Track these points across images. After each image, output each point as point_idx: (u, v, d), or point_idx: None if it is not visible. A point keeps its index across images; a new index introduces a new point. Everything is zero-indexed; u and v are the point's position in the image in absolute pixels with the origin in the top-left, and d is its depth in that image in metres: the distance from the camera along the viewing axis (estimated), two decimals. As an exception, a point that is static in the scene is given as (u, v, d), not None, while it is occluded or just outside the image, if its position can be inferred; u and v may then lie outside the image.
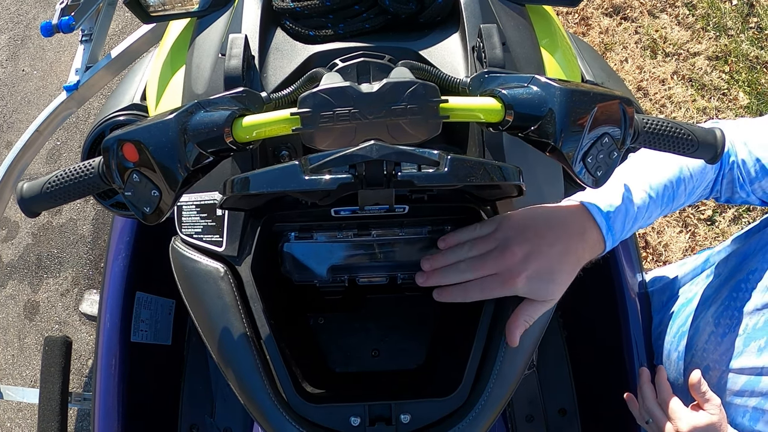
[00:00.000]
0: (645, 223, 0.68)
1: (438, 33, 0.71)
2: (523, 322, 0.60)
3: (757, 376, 0.66)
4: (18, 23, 2.47)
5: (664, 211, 0.70)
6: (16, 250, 2.05)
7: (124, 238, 0.97)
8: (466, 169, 0.49)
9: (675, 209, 0.72)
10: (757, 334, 0.67)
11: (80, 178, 0.54)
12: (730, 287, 0.73)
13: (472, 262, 0.61)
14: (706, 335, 0.75)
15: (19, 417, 1.81)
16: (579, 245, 0.61)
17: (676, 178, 0.69)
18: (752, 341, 0.67)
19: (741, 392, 0.69)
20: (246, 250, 0.64)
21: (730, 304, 0.71)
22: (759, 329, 0.67)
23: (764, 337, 0.66)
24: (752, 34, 2.17)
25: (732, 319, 0.71)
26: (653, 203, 0.67)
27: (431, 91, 0.49)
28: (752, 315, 0.68)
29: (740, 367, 0.69)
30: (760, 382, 0.66)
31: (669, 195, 0.68)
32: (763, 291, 0.67)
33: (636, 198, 0.66)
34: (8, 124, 2.27)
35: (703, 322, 0.76)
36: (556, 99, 0.49)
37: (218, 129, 0.49)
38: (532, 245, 0.59)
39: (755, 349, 0.67)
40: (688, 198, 0.72)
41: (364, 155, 0.47)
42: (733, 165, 0.72)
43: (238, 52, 0.64)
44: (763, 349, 0.66)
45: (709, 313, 0.75)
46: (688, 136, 0.58)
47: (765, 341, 0.66)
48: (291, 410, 0.60)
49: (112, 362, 0.93)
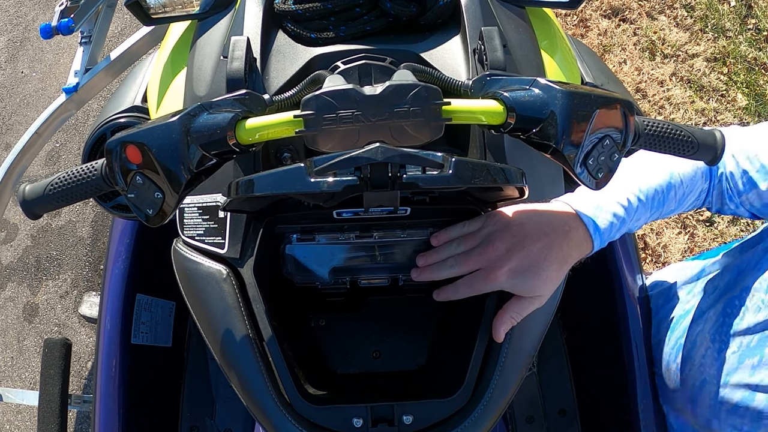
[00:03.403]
0: (633, 226, 0.68)
1: (439, 35, 0.71)
2: (509, 318, 0.61)
3: (752, 392, 0.66)
4: (17, 25, 2.47)
5: (653, 215, 0.70)
6: (16, 252, 2.04)
7: (124, 240, 0.97)
8: (469, 172, 0.49)
9: (666, 215, 0.72)
10: (750, 353, 0.67)
11: (83, 180, 0.54)
12: (724, 303, 0.73)
13: (458, 258, 0.63)
14: (702, 350, 0.75)
15: (18, 419, 1.80)
16: (564, 242, 0.61)
17: (666, 183, 0.69)
18: (746, 358, 0.68)
19: (736, 408, 0.69)
20: (248, 252, 0.64)
21: (725, 321, 0.72)
22: (752, 348, 0.67)
23: (757, 355, 0.66)
24: (750, 36, 2.18)
25: (726, 335, 0.71)
26: (642, 206, 0.67)
27: (434, 93, 0.49)
28: (746, 334, 0.68)
29: (735, 383, 0.69)
30: (754, 398, 0.66)
31: (659, 199, 0.68)
32: (755, 311, 0.67)
33: (624, 200, 0.66)
34: (7, 126, 2.27)
35: (699, 337, 0.76)
36: (558, 101, 0.50)
37: (221, 131, 0.50)
38: (516, 240, 0.60)
39: (749, 366, 0.67)
40: (679, 205, 0.72)
41: (369, 158, 0.47)
42: (722, 177, 0.72)
43: (241, 54, 0.64)
44: (756, 367, 0.66)
45: (705, 329, 0.76)
46: (688, 138, 0.58)
47: (758, 359, 0.66)
48: (293, 411, 0.60)
49: (113, 364, 0.92)
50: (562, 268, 0.61)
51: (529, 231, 0.61)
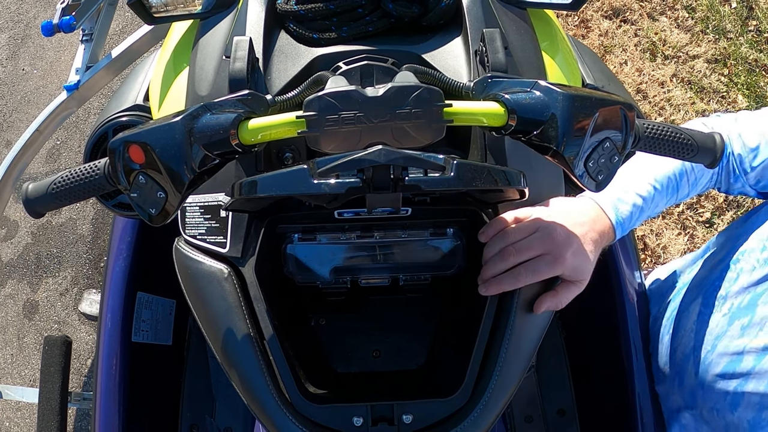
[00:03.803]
0: (652, 213, 0.73)
1: (441, 37, 0.71)
2: (558, 303, 0.64)
3: (738, 356, 0.68)
4: (18, 22, 2.47)
5: (669, 201, 0.74)
6: (16, 249, 2.05)
7: (125, 238, 0.97)
8: (471, 174, 0.49)
9: (681, 199, 0.76)
10: (741, 313, 0.69)
11: (86, 179, 0.55)
12: (720, 269, 0.75)
13: (518, 246, 0.63)
14: (694, 316, 0.77)
15: (18, 416, 1.81)
16: (596, 230, 0.65)
17: (679, 170, 0.73)
18: (736, 320, 0.69)
19: (723, 374, 0.70)
20: (250, 251, 0.64)
21: (719, 285, 0.74)
22: (743, 308, 0.68)
23: (748, 315, 0.67)
24: (751, 37, 2.18)
25: (719, 299, 0.73)
26: (658, 194, 0.72)
27: (436, 95, 0.49)
28: (738, 294, 0.70)
29: (723, 349, 0.70)
30: (741, 362, 0.67)
31: (673, 186, 0.73)
32: (750, 271, 0.69)
33: (642, 190, 0.70)
34: (8, 123, 2.27)
35: (693, 304, 0.78)
36: (559, 104, 0.50)
37: (224, 131, 0.50)
38: (567, 225, 0.63)
39: (738, 329, 0.68)
40: (693, 188, 0.75)
41: (373, 160, 0.48)
42: (729, 157, 0.75)
43: (243, 54, 0.64)
44: (745, 328, 0.67)
45: (699, 295, 0.77)
46: (688, 141, 0.59)
47: (748, 320, 0.67)
48: (294, 410, 0.60)
49: (113, 362, 0.93)
50: (596, 253, 0.65)
51: (576, 219, 0.65)
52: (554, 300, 0.64)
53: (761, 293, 0.67)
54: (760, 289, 0.67)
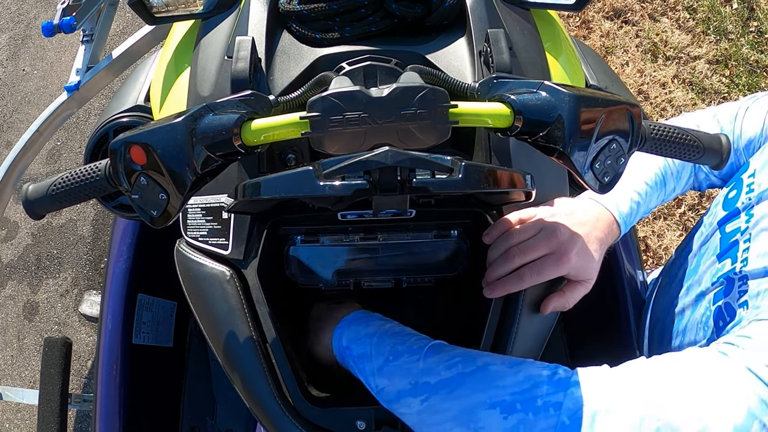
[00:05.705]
0: (646, 210, 0.74)
1: (444, 37, 0.71)
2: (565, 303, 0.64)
3: (720, 261, 0.68)
4: (19, 23, 2.46)
5: (659, 196, 0.76)
6: (16, 250, 2.04)
7: (126, 240, 0.96)
8: (479, 176, 0.49)
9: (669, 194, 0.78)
10: (712, 249, 0.70)
11: (86, 181, 0.54)
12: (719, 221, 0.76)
13: (522, 247, 0.63)
14: (674, 269, 0.79)
15: (18, 418, 1.80)
16: (600, 228, 0.66)
17: (663, 166, 0.76)
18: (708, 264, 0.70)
19: (699, 280, 0.71)
20: (252, 253, 0.64)
21: (711, 224, 0.74)
22: (730, 233, 0.69)
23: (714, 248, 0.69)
24: (752, 38, 2.18)
25: (710, 230, 0.74)
26: (651, 190, 0.74)
27: (441, 96, 0.49)
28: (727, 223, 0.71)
29: (696, 294, 0.71)
30: (723, 267, 0.67)
31: (661, 182, 0.75)
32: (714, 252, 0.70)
33: (638, 187, 0.72)
34: (8, 123, 2.26)
35: (685, 251, 0.80)
36: (565, 105, 0.49)
37: (227, 132, 0.49)
38: (572, 225, 0.63)
39: (709, 263, 0.70)
40: (677, 181, 0.78)
41: (379, 161, 0.47)
42: None
43: (245, 54, 0.64)
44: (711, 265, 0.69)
45: (693, 239, 0.79)
46: (694, 142, 0.58)
47: (714, 250, 0.69)
48: (297, 414, 0.60)
49: (114, 364, 0.92)
50: (601, 252, 0.65)
51: (579, 218, 0.64)
52: (561, 300, 0.63)
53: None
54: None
